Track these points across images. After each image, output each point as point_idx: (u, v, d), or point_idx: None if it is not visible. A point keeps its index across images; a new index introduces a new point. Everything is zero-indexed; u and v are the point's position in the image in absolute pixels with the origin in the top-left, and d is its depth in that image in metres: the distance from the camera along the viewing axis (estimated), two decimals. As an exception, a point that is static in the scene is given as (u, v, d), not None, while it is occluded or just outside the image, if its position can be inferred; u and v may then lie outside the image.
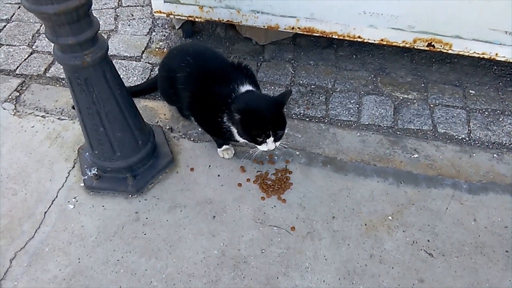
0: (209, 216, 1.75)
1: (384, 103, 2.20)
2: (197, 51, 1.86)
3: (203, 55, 1.84)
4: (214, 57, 1.86)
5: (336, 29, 2.10)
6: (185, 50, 1.87)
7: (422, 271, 1.59)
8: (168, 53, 2.00)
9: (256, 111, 1.57)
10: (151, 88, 2.21)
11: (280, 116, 1.60)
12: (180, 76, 1.80)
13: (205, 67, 1.78)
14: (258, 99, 1.67)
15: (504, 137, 2.03)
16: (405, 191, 1.83)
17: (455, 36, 1.98)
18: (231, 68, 1.80)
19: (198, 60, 1.79)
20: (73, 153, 1.96)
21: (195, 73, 1.77)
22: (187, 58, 1.79)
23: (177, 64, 1.83)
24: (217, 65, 1.80)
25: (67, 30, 1.30)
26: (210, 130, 1.88)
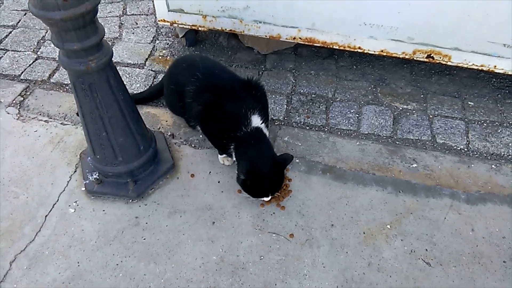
0: (209, 222, 1.76)
1: (383, 113, 2.22)
2: (206, 66, 1.90)
3: (212, 70, 1.89)
4: (223, 72, 1.91)
5: (337, 40, 2.14)
6: (195, 65, 1.90)
7: (419, 280, 1.60)
8: (175, 65, 2.03)
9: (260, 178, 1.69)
10: (153, 96, 2.23)
11: (279, 179, 1.73)
12: (189, 89, 1.84)
13: (215, 82, 1.83)
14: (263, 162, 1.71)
15: (502, 148, 2.05)
16: (403, 200, 1.84)
17: (454, 48, 2.01)
18: (242, 86, 1.84)
19: (208, 75, 1.84)
20: (75, 158, 1.98)
21: (205, 88, 1.81)
22: (196, 73, 1.83)
23: (186, 78, 1.87)
24: (227, 81, 1.86)
25: (72, 36, 1.33)
26: (214, 143, 1.92)
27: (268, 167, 1.70)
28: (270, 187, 1.72)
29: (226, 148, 1.79)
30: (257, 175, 1.67)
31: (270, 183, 1.71)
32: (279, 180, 1.73)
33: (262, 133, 1.77)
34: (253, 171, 1.67)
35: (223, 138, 1.78)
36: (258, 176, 1.68)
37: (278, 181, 1.73)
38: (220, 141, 1.82)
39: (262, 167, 1.69)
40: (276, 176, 1.72)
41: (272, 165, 1.71)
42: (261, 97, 1.87)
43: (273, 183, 1.72)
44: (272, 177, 1.71)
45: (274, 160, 1.72)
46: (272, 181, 1.71)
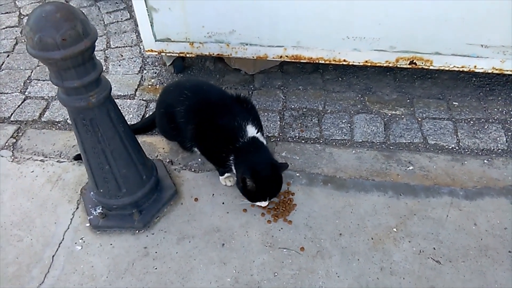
0: (218, 244, 1.77)
1: (374, 120, 2.28)
2: (193, 84, 1.94)
3: (200, 88, 1.92)
4: (211, 89, 1.95)
5: (322, 55, 2.21)
6: (181, 85, 1.95)
7: (432, 279, 1.63)
8: (164, 90, 2.06)
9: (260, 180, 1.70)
10: (147, 127, 2.24)
11: (278, 183, 1.76)
12: (179, 110, 1.86)
13: (204, 99, 1.86)
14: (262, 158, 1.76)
15: (491, 143, 2.13)
16: (405, 203, 1.88)
17: (435, 53, 2.10)
18: (232, 101, 1.88)
19: (196, 92, 1.87)
20: (75, 194, 1.96)
21: (195, 105, 1.83)
22: (184, 92, 1.86)
23: (174, 99, 1.89)
24: (216, 97, 1.88)
25: (72, 74, 1.35)
26: (213, 161, 1.94)
27: (268, 169, 1.72)
28: (269, 189, 1.74)
29: (225, 162, 1.80)
30: (257, 176, 1.68)
31: (269, 184, 1.73)
32: (278, 183, 1.75)
33: (259, 141, 1.79)
34: (253, 172, 1.68)
35: (221, 152, 1.78)
36: (258, 177, 1.68)
37: (277, 184, 1.75)
38: (218, 155, 1.82)
39: (262, 169, 1.71)
40: (275, 178, 1.74)
41: (271, 168, 1.73)
42: (251, 109, 1.91)
43: (272, 185, 1.74)
44: (272, 178, 1.73)
45: (272, 163, 1.75)
46: (271, 183, 1.73)
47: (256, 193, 1.73)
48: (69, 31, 1.24)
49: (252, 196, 1.76)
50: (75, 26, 1.25)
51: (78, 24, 1.26)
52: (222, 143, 1.78)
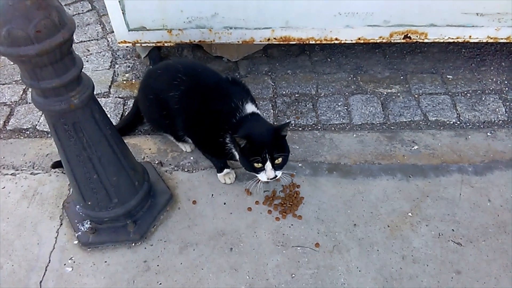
0: (226, 249, 1.62)
1: (370, 100, 2.18)
2: (187, 66, 1.74)
3: (195, 70, 1.73)
4: (206, 72, 1.76)
5: (313, 35, 2.07)
6: (173, 67, 1.74)
7: (456, 262, 1.56)
8: (149, 74, 1.84)
9: (253, 135, 1.51)
10: (130, 126, 2.04)
11: (277, 142, 1.53)
12: (173, 95, 1.66)
13: (200, 83, 1.67)
14: (257, 124, 1.59)
15: (491, 115, 2.08)
16: (416, 185, 1.80)
17: (429, 25, 2.01)
18: (228, 83, 1.71)
19: (192, 76, 1.68)
20: (57, 209, 1.75)
21: (191, 90, 1.65)
22: (178, 75, 1.66)
23: (167, 83, 1.69)
24: (212, 80, 1.70)
25: (50, 72, 1.14)
26: (210, 150, 1.77)
27: (261, 127, 1.55)
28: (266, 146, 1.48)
29: (224, 147, 1.62)
30: (250, 132, 1.51)
31: (264, 140, 1.50)
32: (275, 140, 1.51)
33: (258, 115, 1.64)
34: (245, 130, 1.52)
35: (219, 136, 1.60)
36: (250, 133, 1.50)
37: (274, 140, 1.51)
38: (216, 141, 1.62)
39: (255, 127, 1.55)
40: (271, 134, 1.51)
41: (266, 125, 1.57)
42: (248, 90, 1.74)
43: (268, 141, 1.50)
44: (266, 134, 1.51)
45: (270, 125, 1.59)
46: (267, 138, 1.50)
47: (252, 152, 1.49)
48: (44, 21, 1.03)
49: (251, 159, 1.50)
50: (50, 14, 1.05)
51: (53, 12, 1.05)
52: (217, 127, 1.60)
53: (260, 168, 1.52)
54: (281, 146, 1.55)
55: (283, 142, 1.56)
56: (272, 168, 1.51)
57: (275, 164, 1.52)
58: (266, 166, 1.51)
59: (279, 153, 1.51)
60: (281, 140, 1.55)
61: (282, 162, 1.54)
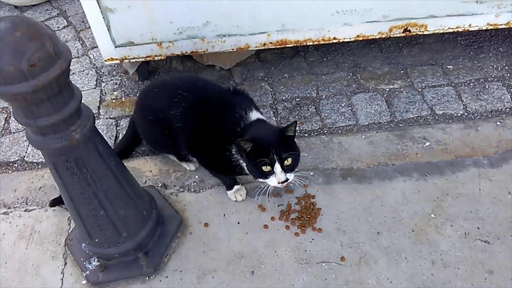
0: (247, 273, 1.52)
1: (374, 98, 2.11)
2: (187, 82, 1.63)
3: (195, 85, 1.62)
4: (207, 85, 1.66)
5: (310, 36, 1.98)
6: (171, 84, 1.63)
7: (486, 261, 1.50)
8: (145, 94, 1.73)
9: (258, 137, 1.40)
10: (127, 149, 1.91)
11: (285, 142, 1.41)
12: (174, 113, 1.55)
13: (203, 97, 1.57)
14: (263, 127, 1.49)
15: (497, 103, 2.04)
16: (434, 183, 1.74)
17: (429, 16, 1.95)
18: (230, 94, 1.62)
19: (192, 91, 1.57)
20: (58, 247, 1.62)
21: (193, 106, 1.54)
22: (178, 92, 1.55)
23: (166, 101, 1.58)
24: (214, 93, 1.60)
25: (47, 108, 1.02)
26: (217, 168, 1.67)
27: (266, 129, 1.46)
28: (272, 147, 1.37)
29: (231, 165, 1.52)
30: (255, 135, 1.41)
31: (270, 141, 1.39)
32: (282, 140, 1.40)
33: (264, 120, 1.54)
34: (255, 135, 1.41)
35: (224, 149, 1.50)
36: (255, 136, 1.41)
37: (281, 141, 1.40)
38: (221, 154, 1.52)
39: (259, 129, 1.45)
40: (277, 135, 1.41)
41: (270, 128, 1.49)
42: (251, 99, 1.65)
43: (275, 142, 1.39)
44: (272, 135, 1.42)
45: (276, 127, 1.50)
46: (273, 138, 1.40)
47: (259, 155, 1.38)
48: (37, 53, 0.91)
49: (258, 162, 1.39)
50: (44, 45, 0.92)
51: (47, 41, 0.93)
52: (222, 140, 1.49)
53: (269, 172, 1.41)
54: (289, 146, 1.43)
55: (291, 142, 1.45)
56: (282, 170, 1.40)
57: (284, 166, 1.40)
58: (275, 168, 1.39)
59: (287, 153, 1.39)
60: (289, 140, 1.44)
61: (292, 163, 1.42)
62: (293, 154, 1.41)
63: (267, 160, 1.38)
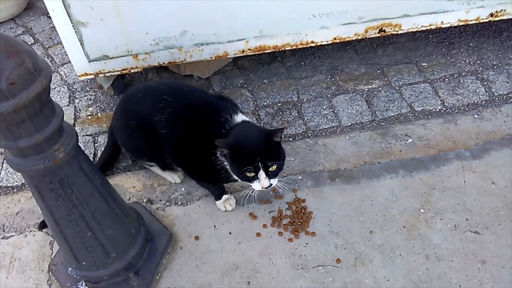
0: (243, 284, 1.48)
1: (354, 99, 2.13)
2: (172, 87, 1.59)
3: (180, 90, 1.59)
4: (192, 90, 1.63)
5: (288, 40, 1.98)
6: (157, 89, 1.58)
7: (478, 252, 1.52)
8: (127, 99, 1.68)
9: (242, 142, 1.37)
10: (110, 161, 1.85)
11: (270, 148, 1.38)
12: (159, 119, 1.51)
13: (188, 102, 1.54)
14: (248, 130, 1.45)
15: (473, 96, 2.09)
16: (420, 179, 1.76)
17: (403, 16, 1.98)
18: (215, 99, 1.60)
19: (178, 96, 1.54)
20: (42, 274, 1.53)
21: (179, 111, 1.51)
22: (163, 97, 1.51)
23: (151, 106, 1.54)
24: (199, 98, 1.57)
25: (28, 127, 0.96)
26: (203, 176, 1.63)
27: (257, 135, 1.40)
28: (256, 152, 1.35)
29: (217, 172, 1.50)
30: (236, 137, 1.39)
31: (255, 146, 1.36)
32: (267, 146, 1.37)
33: (249, 122, 1.52)
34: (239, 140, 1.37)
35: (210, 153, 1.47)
36: (236, 137, 1.38)
37: (266, 147, 1.37)
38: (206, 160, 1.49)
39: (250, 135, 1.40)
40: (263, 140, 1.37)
41: (254, 129, 1.45)
42: (236, 104, 1.64)
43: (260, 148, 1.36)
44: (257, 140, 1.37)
45: (262, 130, 1.46)
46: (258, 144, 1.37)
47: (244, 161, 1.35)
48: (17, 70, 0.86)
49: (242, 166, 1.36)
50: (23, 61, 0.88)
51: (26, 58, 0.88)
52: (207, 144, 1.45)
53: (253, 177, 1.39)
54: (275, 152, 1.40)
55: (278, 148, 1.42)
56: (266, 176, 1.38)
57: (269, 172, 1.38)
58: (260, 175, 1.37)
59: (273, 162, 1.37)
60: (275, 146, 1.41)
61: (277, 169, 1.40)
62: (278, 162, 1.39)
63: (252, 168, 1.36)
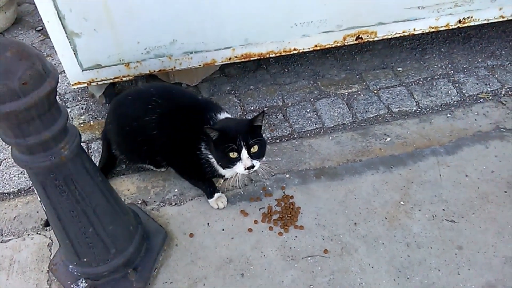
0: (237, 276, 1.56)
1: (335, 102, 2.25)
2: (161, 89, 1.73)
3: (170, 92, 1.71)
4: (181, 93, 1.77)
5: (272, 48, 2.10)
6: (147, 92, 1.70)
7: (455, 238, 1.64)
8: (119, 102, 1.77)
9: (226, 127, 1.52)
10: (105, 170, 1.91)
11: (251, 130, 1.50)
12: (149, 120, 1.62)
13: (178, 104, 1.66)
14: (231, 120, 1.63)
15: (445, 97, 2.24)
16: (399, 174, 1.88)
17: (378, 24, 2.13)
18: (203, 101, 1.77)
19: (167, 98, 1.65)
20: (41, 274, 1.58)
21: (169, 112, 1.62)
22: (153, 99, 1.62)
23: (142, 108, 1.64)
24: (187, 99, 1.72)
25: (37, 125, 1.04)
26: (191, 171, 1.74)
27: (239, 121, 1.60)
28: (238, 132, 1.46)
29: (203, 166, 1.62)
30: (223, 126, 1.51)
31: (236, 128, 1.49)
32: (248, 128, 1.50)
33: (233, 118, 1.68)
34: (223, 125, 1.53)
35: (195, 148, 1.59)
36: (223, 127, 1.50)
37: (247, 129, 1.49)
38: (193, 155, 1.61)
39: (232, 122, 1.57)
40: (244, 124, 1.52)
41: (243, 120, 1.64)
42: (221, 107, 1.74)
43: (241, 129, 1.48)
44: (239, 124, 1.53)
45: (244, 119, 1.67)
46: (239, 126, 1.51)
47: (226, 141, 1.46)
48: (28, 71, 0.94)
49: (225, 148, 1.46)
50: (34, 64, 0.96)
51: (36, 60, 0.97)
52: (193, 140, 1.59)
53: (236, 159, 1.49)
54: (256, 134, 1.52)
55: (258, 131, 1.55)
56: (248, 156, 1.48)
57: (251, 153, 1.49)
58: (242, 154, 1.47)
59: (254, 140, 1.48)
60: (256, 130, 1.53)
61: (258, 151, 1.51)
62: (259, 140, 1.50)
63: (234, 146, 1.46)
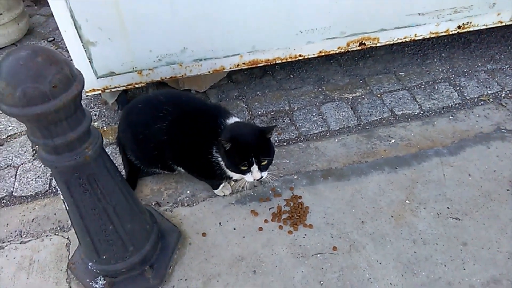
0: (250, 273, 1.62)
1: (340, 106, 2.32)
2: (171, 96, 1.79)
3: (179, 99, 1.78)
4: (190, 99, 1.83)
5: (278, 54, 2.18)
6: (156, 99, 1.76)
7: (460, 235, 1.69)
8: (130, 110, 1.83)
9: (239, 138, 1.55)
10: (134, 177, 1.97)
11: (263, 144, 1.58)
12: (159, 127, 1.69)
13: (188, 110, 1.72)
14: (243, 127, 1.66)
15: (447, 100, 2.31)
16: (404, 174, 1.94)
17: (380, 30, 2.20)
18: (213, 106, 1.82)
19: (177, 105, 1.72)
20: (61, 273, 1.64)
21: (178, 118, 1.69)
22: (163, 107, 1.69)
23: (152, 116, 1.71)
24: (196, 104, 1.78)
25: (64, 127, 1.11)
26: (202, 173, 1.81)
27: (248, 129, 1.61)
28: (251, 149, 1.53)
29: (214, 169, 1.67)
30: (236, 136, 1.54)
31: (250, 143, 1.54)
32: (261, 143, 1.56)
33: (242, 121, 1.71)
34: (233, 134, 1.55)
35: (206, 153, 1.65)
36: (237, 137, 1.54)
37: (260, 143, 1.56)
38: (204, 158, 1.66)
39: (242, 131, 1.59)
40: (257, 137, 1.56)
41: (249, 127, 1.65)
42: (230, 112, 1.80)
43: (255, 145, 1.54)
44: (252, 137, 1.56)
45: (255, 127, 1.66)
46: (253, 141, 1.55)
47: (239, 156, 1.53)
48: (58, 75, 1.02)
49: (237, 160, 1.54)
50: (62, 68, 1.03)
51: (64, 66, 1.04)
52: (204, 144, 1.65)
53: (246, 170, 1.58)
54: (267, 149, 1.60)
55: (269, 144, 1.62)
56: (258, 170, 1.57)
57: (261, 166, 1.58)
58: (253, 168, 1.57)
59: (265, 157, 1.57)
60: (267, 143, 1.61)
61: (267, 164, 1.61)
62: (269, 158, 1.60)
63: (247, 163, 1.55)
